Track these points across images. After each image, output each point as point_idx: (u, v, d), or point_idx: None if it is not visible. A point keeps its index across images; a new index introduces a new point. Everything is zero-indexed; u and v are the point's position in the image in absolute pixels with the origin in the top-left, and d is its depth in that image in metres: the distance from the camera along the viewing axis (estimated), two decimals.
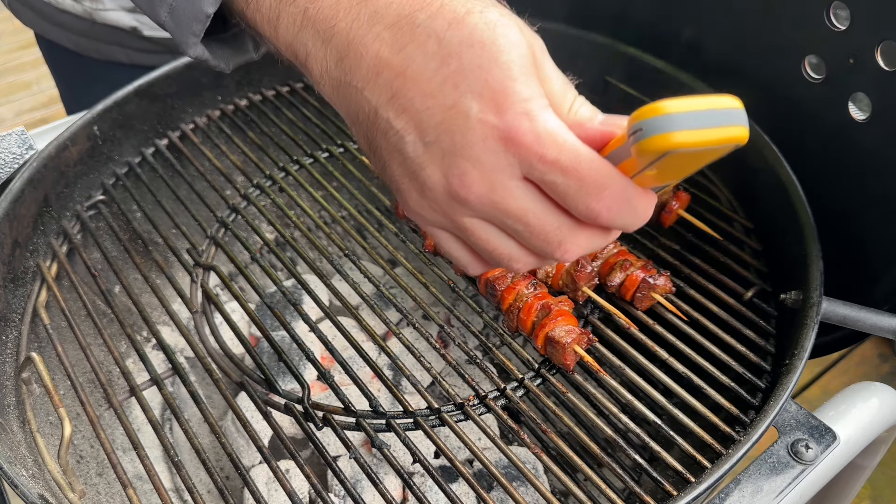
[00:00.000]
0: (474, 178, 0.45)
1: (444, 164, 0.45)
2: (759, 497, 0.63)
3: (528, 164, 0.44)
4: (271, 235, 1.16)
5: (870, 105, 0.78)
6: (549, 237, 0.46)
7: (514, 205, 0.45)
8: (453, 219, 0.48)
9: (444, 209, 0.47)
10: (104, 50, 1.20)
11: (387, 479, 0.85)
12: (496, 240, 0.48)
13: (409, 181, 0.48)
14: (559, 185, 0.44)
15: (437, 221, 0.49)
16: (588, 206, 0.44)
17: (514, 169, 0.44)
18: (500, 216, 0.46)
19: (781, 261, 0.83)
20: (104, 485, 0.84)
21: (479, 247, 0.49)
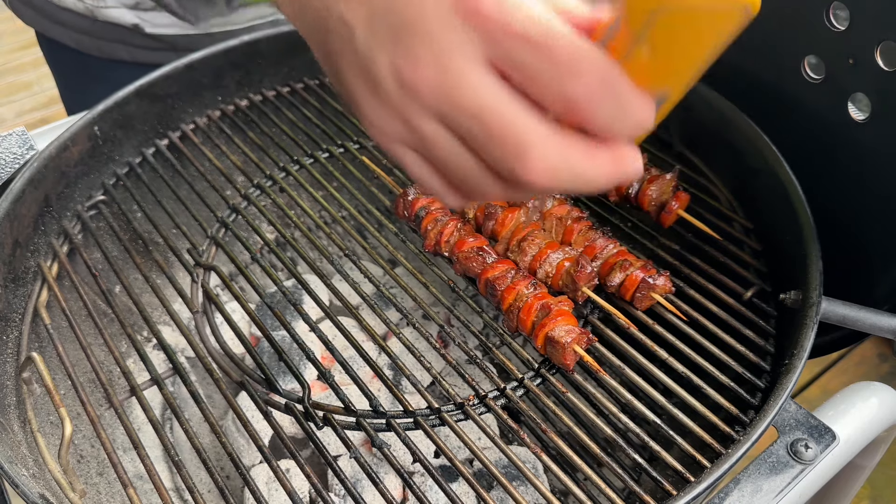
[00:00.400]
0: (424, 59, 0.38)
1: (394, 49, 0.39)
2: (759, 497, 0.63)
3: (491, 39, 0.36)
4: (272, 235, 1.16)
5: (869, 105, 0.78)
6: (508, 141, 0.37)
7: (468, 95, 0.37)
8: (410, 121, 0.40)
9: (398, 110, 0.40)
10: (105, 48, 1.20)
11: (387, 478, 0.86)
12: (457, 152, 0.40)
13: (362, 82, 0.41)
14: (527, 65, 0.36)
15: (395, 132, 0.42)
16: (562, 89, 0.36)
17: (474, 48, 0.37)
18: (454, 112, 0.38)
19: (781, 261, 0.83)
20: (105, 484, 0.84)
21: (444, 163, 0.41)
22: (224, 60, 1.04)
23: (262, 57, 1.07)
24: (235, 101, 1.07)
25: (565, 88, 0.36)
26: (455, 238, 0.85)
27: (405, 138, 0.42)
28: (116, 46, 1.19)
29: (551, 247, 0.82)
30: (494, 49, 0.37)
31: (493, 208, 0.86)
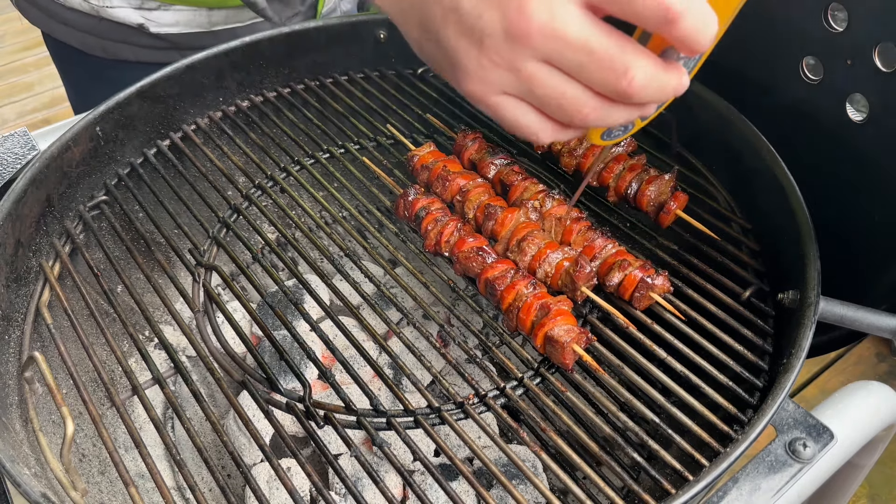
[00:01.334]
0: (533, 8, 0.45)
1: (501, 2, 0.45)
2: (757, 495, 0.64)
3: None
4: (273, 235, 1.17)
5: (867, 106, 0.79)
6: (614, 63, 0.45)
7: (575, 32, 0.45)
8: (516, 67, 0.47)
9: (505, 57, 0.47)
10: (110, 48, 1.20)
11: (387, 477, 0.86)
12: (561, 84, 0.47)
13: (466, 40, 0.48)
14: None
15: (499, 81, 0.48)
16: (657, 2, 0.43)
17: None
18: (562, 49, 0.46)
19: (779, 260, 0.83)
20: (106, 483, 0.85)
21: (547, 97, 0.48)
22: (225, 61, 1.05)
23: (263, 58, 1.07)
24: (237, 102, 1.07)
25: (661, 4, 0.43)
26: (455, 238, 0.86)
27: (507, 85, 0.48)
28: (121, 46, 1.20)
29: (551, 247, 0.83)
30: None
31: (494, 208, 0.87)
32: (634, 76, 0.46)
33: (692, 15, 0.44)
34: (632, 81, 0.46)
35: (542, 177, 0.96)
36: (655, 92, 0.47)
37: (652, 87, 0.47)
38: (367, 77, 1.13)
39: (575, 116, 0.49)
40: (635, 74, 0.46)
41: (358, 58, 1.13)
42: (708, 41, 0.46)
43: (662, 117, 0.96)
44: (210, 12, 1.18)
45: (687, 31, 0.45)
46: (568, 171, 0.96)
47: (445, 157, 0.96)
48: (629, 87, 0.46)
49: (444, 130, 1.04)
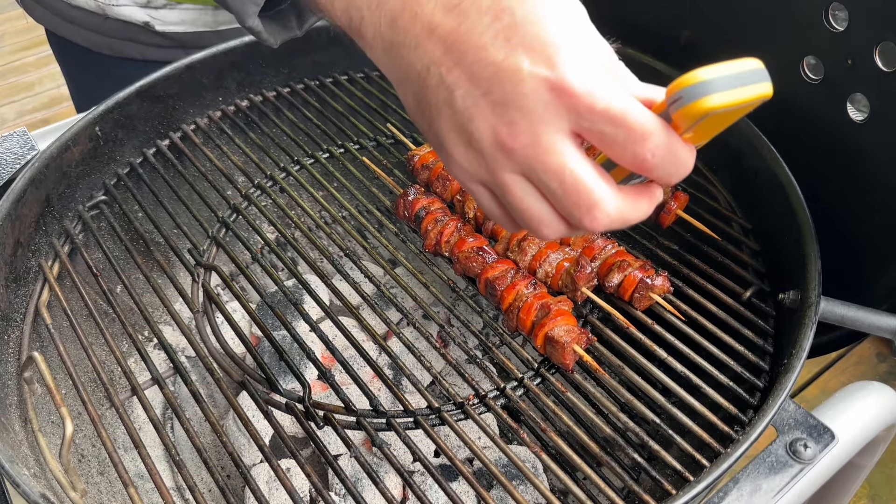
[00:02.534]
0: (522, 129, 0.46)
1: (493, 115, 0.47)
2: (758, 496, 0.64)
3: (578, 114, 0.45)
4: (272, 235, 1.17)
5: (868, 106, 0.79)
6: (582, 199, 0.47)
7: (554, 160, 0.46)
8: (494, 173, 0.49)
9: (487, 162, 0.48)
10: (116, 46, 1.20)
11: (387, 477, 0.86)
12: (530, 200, 0.49)
13: (455, 135, 0.49)
14: (607, 134, 0.45)
15: (477, 175, 0.50)
16: (634, 152, 0.45)
17: (563, 121, 0.45)
18: (539, 171, 0.47)
19: (780, 261, 0.83)
20: (106, 484, 0.84)
21: (514, 206, 0.50)
22: (225, 61, 1.05)
23: (263, 58, 1.07)
24: (236, 102, 1.07)
25: (636, 150, 0.45)
26: (455, 238, 0.86)
27: (485, 181, 0.50)
28: (127, 44, 1.20)
29: (551, 247, 0.83)
30: (580, 121, 0.45)
31: None
32: (598, 216, 0.47)
33: (668, 163, 0.46)
34: (595, 220, 0.47)
35: None
36: (619, 225, 0.49)
37: (615, 222, 0.49)
38: (367, 77, 1.13)
39: (533, 230, 0.51)
40: (598, 214, 0.47)
41: (358, 58, 1.13)
42: (681, 178, 0.48)
43: None
44: (216, 11, 1.18)
45: (661, 177, 0.47)
46: None
47: None
48: (591, 224, 0.48)
49: None
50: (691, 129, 0.46)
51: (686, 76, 0.43)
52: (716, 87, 0.43)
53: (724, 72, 0.43)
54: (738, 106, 0.43)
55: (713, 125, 0.47)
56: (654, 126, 0.45)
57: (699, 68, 0.43)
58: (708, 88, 0.43)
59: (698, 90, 0.43)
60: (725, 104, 0.43)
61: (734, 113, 0.45)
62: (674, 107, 0.44)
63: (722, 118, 0.46)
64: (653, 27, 1.01)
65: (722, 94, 0.43)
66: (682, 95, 0.44)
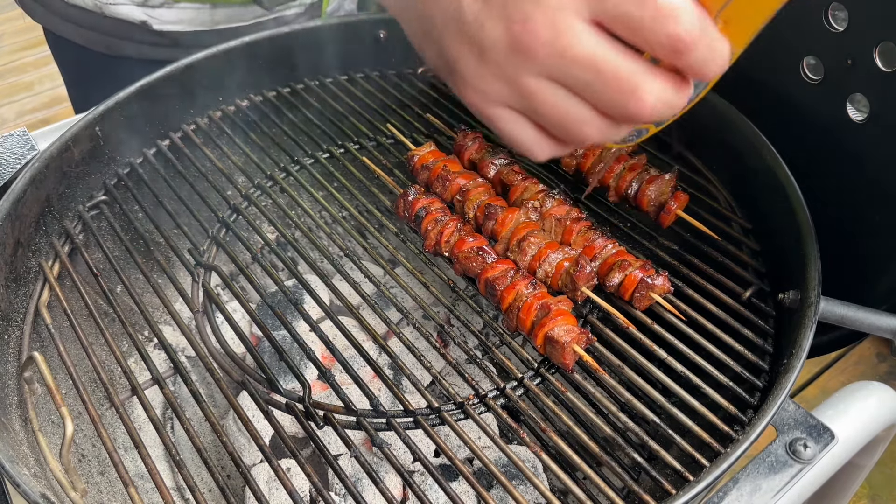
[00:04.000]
0: (538, 22, 0.42)
1: (504, 14, 0.43)
2: (758, 496, 0.64)
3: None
4: (272, 235, 1.17)
5: (868, 106, 0.79)
6: (622, 83, 0.43)
7: (582, 49, 0.42)
8: (517, 81, 0.45)
9: (506, 71, 0.44)
10: (113, 45, 1.20)
11: (387, 477, 0.86)
12: (564, 102, 0.45)
13: (467, 49, 0.45)
14: (633, 15, 0.41)
15: (498, 93, 0.46)
16: (667, 33, 0.41)
17: (581, 7, 0.42)
18: (568, 66, 0.43)
19: (779, 261, 0.83)
20: (106, 483, 0.84)
21: (547, 114, 0.46)
22: (225, 61, 1.04)
23: (264, 57, 1.07)
24: (236, 102, 1.07)
25: (669, 31, 0.41)
26: (455, 238, 0.86)
27: (506, 98, 0.46)
28: (124, 43, 1.20)
29: (551, 247, 0.83)
30: (600, 6, 0.41)
31: (494, 208, 0.86)
32: (643, 97, 0.44)
33: (702, 46, 0.42)
34: (641, 103, 0.44)
35: (543, 177, 0.96)
36: (665, 112, 0.46)
37: (661, 108, 0.45)
38: (367, 77, 1.13)
39: (577, 135, 0.47)
40: (644, 96, 0.44)
41: (358, 58, 1.13)
42: (717, 70, 0.44)
43: None
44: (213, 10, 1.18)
45: (696, 62, 0.43)
46: (568, 171, 0.96)
47: (445, 157, 0.95)
48: (638, 109, 0.44)
49: (444, 130, 1.04)
50: (722, 10, 0.42)
51: None
52: None
53: None
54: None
55: (744, 13, 0.43)
56: (682, 4, 0.41)
57: None
58: None
59: None
60: None
61: None
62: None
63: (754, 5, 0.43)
64: None
65: None
66: None
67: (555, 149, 0.49)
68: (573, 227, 0.86)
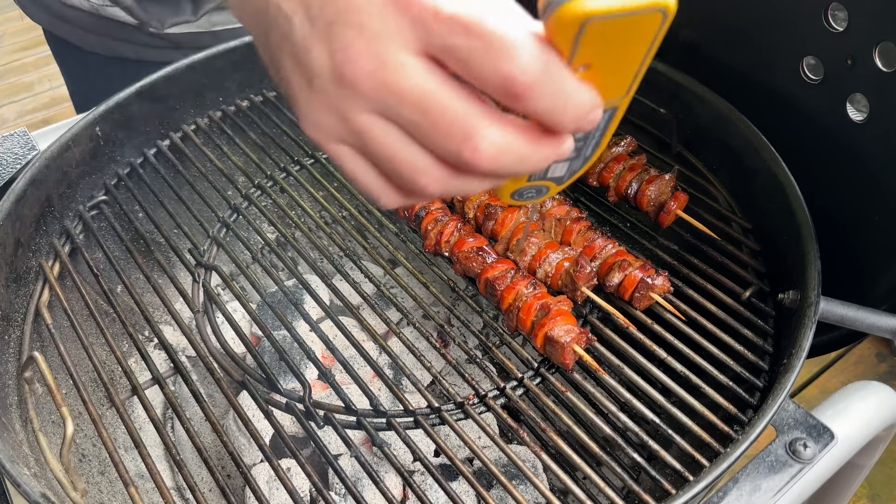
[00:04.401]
0: (360, 50, 0.37)
1: (328, 39, 0.38)
2: (758, 496, 0.64)
3: (422, 25, 0.36)
4: (272, 235, 1.17)
5: (868, 106, 0.79)
6: (453, 127, 0.37)
7: (408, 84, 0.37)
8: (347, 118, 0.39)
9: (335, 104, 0.39)
10: (111, 46, 1.20)
11: (387, 477, 0.86)
12: (396, 143, 0.39)
13: (299, 76, 0.40)
14: (462, 48, 0.36)
15: (333, 129, 0.41)
16: (499, 71, 0.35)
17: (407, 37, 0.36)
18: (395, 103, 0.37)
19: (779, 261, 0.83)
20: (106, 483, 0.85)
21: (379, 155, 0.40)
22: (225, 61, 1.04)
23: None
24: (236, 102, 1.07)
25: (501, 69, 0.35)
26: (455, 238, 0.86)
27: (341, 134, 0.41)
28: (121, 44, 1.20)
29: (551, 247, 0.83)
30: (428, 35, 0.36)
31: (494, 208, 0.87)
32: (478, 145, 0.37)
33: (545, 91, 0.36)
34: (476, 152, 0.37)
35: None
36: (513, 164, 0.38)
37: (509, 161, 0.38)
38: None
39: (412, 184, 0.41)
40: (479, 143, 0.37)
41: None
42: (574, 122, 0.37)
43: (662, 117, 0.96)
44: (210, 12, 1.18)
45: (540, 110, 0.37)
46: None
47: None
48: (473, 159, 0.37)
49: None
50: (574, 54, 0.36)
51: None
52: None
53: None
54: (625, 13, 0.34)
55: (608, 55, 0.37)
56: (522, 38, 0.35)
57: None
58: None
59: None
60: (606, 8, 0.34)
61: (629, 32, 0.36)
62: (545, 16, 0.35)
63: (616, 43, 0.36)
64: None
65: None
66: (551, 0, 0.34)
67: (399, 198, 0.43)
68: (573, 227, 0.86)
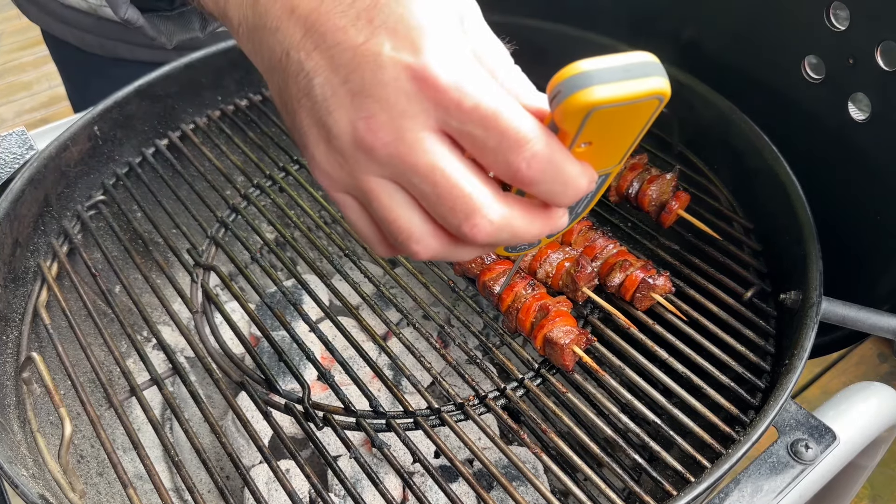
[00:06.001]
0: (382, 123, 0.40)
1: (351, 107, 0.40)
2: (759, 497, 0.63)
3: (444, 110, 0.39)
4: (271, 235, 1.16)
5: (869, 105, 0.78)
6: (459, 203, 0.40)
7: (423, 159, 0.40)
8: (357, 177, 0.42)
9: (349, 164, 0.42)
10: (108, 46, 1.20)
11: (387, 478, 0.86)
12: (399, 208, 0.42)
13: (316, 131, 0.43)
14: (477, 137, 0.39)
15: (342, 182, 0.44)
16: (507, 161, 0.39)
17: (428, 117, 0.40)
18: (408, 172, 0.41)
19: (781, 261, 0.83)
20: (105, 484, 0.84)
21: (381, 216, 0.43)
22: (224, 60, 1.04)
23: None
24: (235, 101, 1.07)
25: (510, 160, 0.39)
26: None
27: (349, 188, 0.44)
28: (118, 44, 1.20)
29: (551, 247, 0.82)
30: (447, 119, 0.39)
31: None
32: (479, 223, 0.40)
33: (550, 177, 0.39)
34: (476, 228, 0.41)
35: None
36: (508, 239, 0.42)
37: (505, 237, 0.42)
38: None
39: (403, 242, 0.43)
40: (480, 221, 0.40)
41: None
42: (573, 198, 0.41)
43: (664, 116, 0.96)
44: None
45: (544, 193, 0.41)
46: None
47: None
48: (472, 234, 0.41)
49: None
50: (579, 134, 0.40)
51: (567, 67, 0.38)
52: (598, 79, 0.37)
53: (608, 63, 0.38)
54: (627, 101, 0.38)
55: (608, 133, 0.41)
56: (532, 132, 0.39)
57: (581, 60, 0.38)
58: (589, 79, 0.37)
59: (578, 81, 0.37)
60: (610, 98, 0.37)
61: (629, 115, 0.39)
62: (554, 104, 0.39)
63: (616, 124, 0.40)
64: (652, 25, 1.01)
65: (606, 86, 0.37)
66: (560, 89, 0.38)
67: (391, 253, 0.47)
68: (573, 227, 0.86)
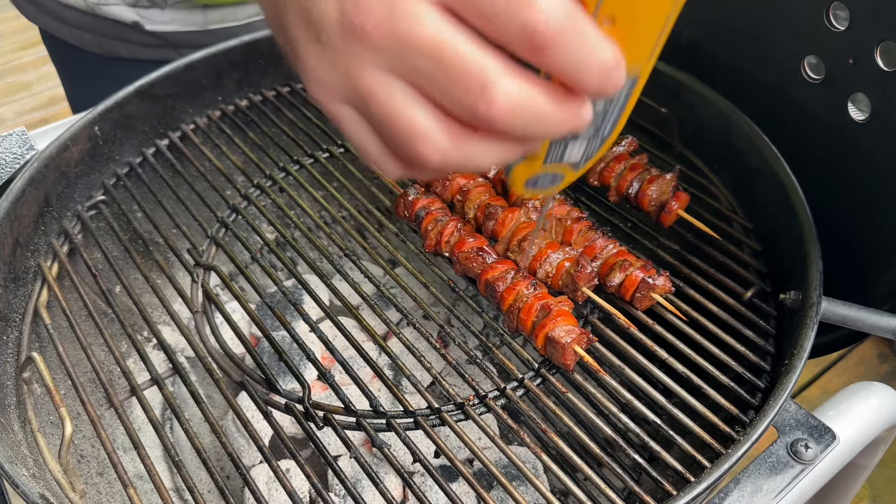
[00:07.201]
0: None
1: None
2: (759, 497, 0.63)
3: None
4: (272, 235, 1.16)
5: (869, 105, 0.79)
6: (469, 77, 0.35)
7: (423, 33, 0.35)
8: (352, 74, 0.37)
9: (341, 59, 0.37)
10: (106, 45, 1.20)
11: (387, 478, 0.86)
12: (400, 102, 0.37)
13: (305, 31, 0.39)
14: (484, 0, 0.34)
15: (336, 85, 0.39)
16: (522, 21, 0.33)
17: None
18: (407, 53, 0.35)
19: (781, 261, 0.83)
20: (105, 484, 0.84)
21: (381, 116, 0.38)
22: (224, 60, 1.04)
23: (263, 57, 1.07)
24: (235, 101, 1.07)
25: (523, 17, 0.33)
26: (455, 238, 0.85)
27: (346, 93, 0.39)
28: (116, 43, 1.20)
29: (551, 247, 0.83)
30: None
31: (494, 208, 0.86)
32: (495, 97, 0.35)
33: (568, 42, 0.34)
34: (492, 104, 0.35)
35: None
36: (531, 122, 0.36)
37: (525, 116, 0.36)
38: None
39: (411, 152, 0.38)
40: (496, 95, 0.35)
41: None
42: (597, 79, 0.35)
43: (664, 116, 0.96)
44: (205, 11, 1.18)
45: (562, 63, 0.34)
46: None
47: None
48: (488, 111, 0.35)
49: None
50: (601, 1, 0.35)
51: None
52: None
53: None
54: None
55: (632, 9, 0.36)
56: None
57: None
58: None
59: None
60: None
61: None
62: None
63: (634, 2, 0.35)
64: None
65: None
66: None
67: (400, 169, 0.41)
68: (574, 227, 0.86)
